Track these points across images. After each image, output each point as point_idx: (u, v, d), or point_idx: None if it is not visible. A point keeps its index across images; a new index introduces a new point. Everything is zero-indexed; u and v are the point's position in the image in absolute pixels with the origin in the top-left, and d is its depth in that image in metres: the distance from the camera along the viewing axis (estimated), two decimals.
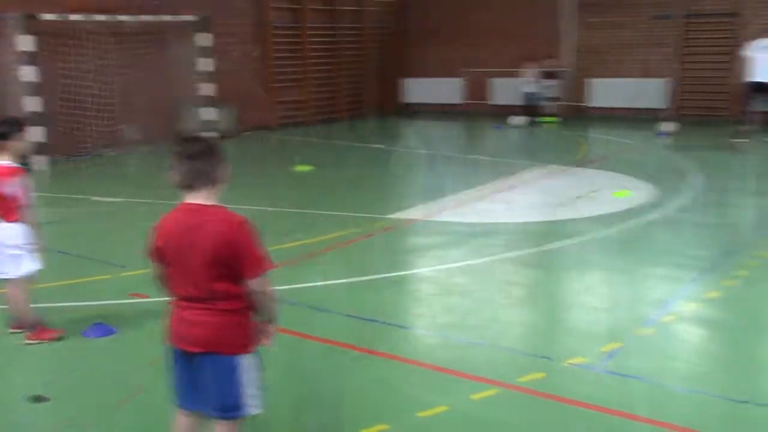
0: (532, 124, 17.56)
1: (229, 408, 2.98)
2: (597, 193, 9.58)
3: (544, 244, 7.32)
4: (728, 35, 17.12)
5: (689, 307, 5.54)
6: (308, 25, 18.29)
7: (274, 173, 12.48)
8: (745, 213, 8.51)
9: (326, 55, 19.15)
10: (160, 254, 2.99)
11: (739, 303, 5.66)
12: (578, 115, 18.87)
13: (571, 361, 4.60)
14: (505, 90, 19.65)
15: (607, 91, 18.62)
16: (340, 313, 5.49)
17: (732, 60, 16.92)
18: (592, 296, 5.92)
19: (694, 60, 17.70)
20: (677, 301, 5.66)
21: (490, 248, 7.20)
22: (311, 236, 7.62)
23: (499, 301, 5.79)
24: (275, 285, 3.01)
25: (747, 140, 13.55)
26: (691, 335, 5.14)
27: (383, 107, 21.22)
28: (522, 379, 4.35)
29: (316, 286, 6.12)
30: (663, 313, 5.40)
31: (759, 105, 13.70)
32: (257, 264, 2.90)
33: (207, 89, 14.78)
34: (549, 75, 17.81)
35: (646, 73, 18.12)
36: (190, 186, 2.92)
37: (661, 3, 17.82)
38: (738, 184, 10.54)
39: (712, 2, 17.35)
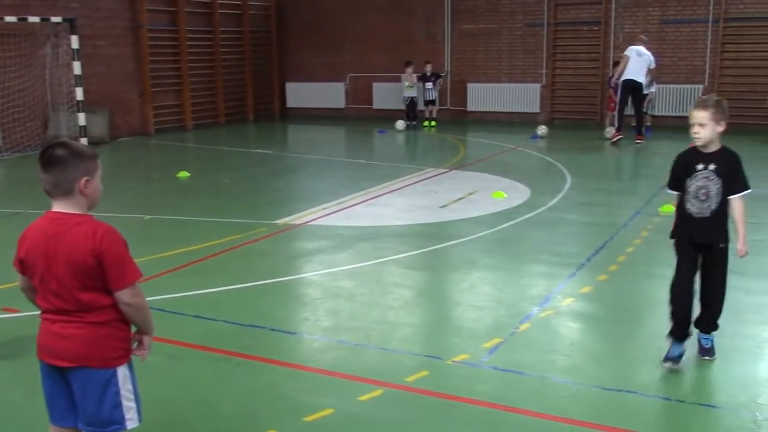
0: (413, 128, 17.87)
1: (105, 423, 2.86)
2: (476, 194, 9.84)
3: (428, 245, 7.45)
4: (596, 42, 18.04)
5: (565, 302, 5.77)
6: (186, 28, 17.87)
7: (152, 180, 12.12)
8: (614, 211, 8.95)
9: (205, 59, 18.79)
10: (24, 265, 2.83)
11: (611, 296, 5.95)
12: (457, 119, 19.36)
13: (455, 358, 4.69)
14: (387, 94, 19.93)
15: (484, 96, 19.21)
16: (224, 321, 5.38)
17: (600, 66, 17.85)
18: (474, 295, 6.07)
19: (564, 66, 18.53)
20: (554, 296, 5.89)
21: (375, 251, 7.25)
22: (193, 244, 7.44)
23: (385, 303, 5.83)
24: (156, 295, 2.91)
25: (619, 139, 14.34)
26: (567, 329, 5.35)
27: (266, 111, 21.04)
28: (408, 379, 4.40)
29: (198, 294, 5.97)
30: (541, 308, 5.60)
31: (627, 107, 14.51)
32: (124, 274, 2.77)
33: (77, 93, 14.15)
34: (428, 80, 18.17)
35: (520, 79, 18.82)
36: (55, 194, 2.78)
37: (533, 11, 18.55)
38: (607, 184, 11.10)
39: (579, 11, 18.21)
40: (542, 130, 15.95)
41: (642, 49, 14.61)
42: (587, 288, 6.07)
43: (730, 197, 4.35)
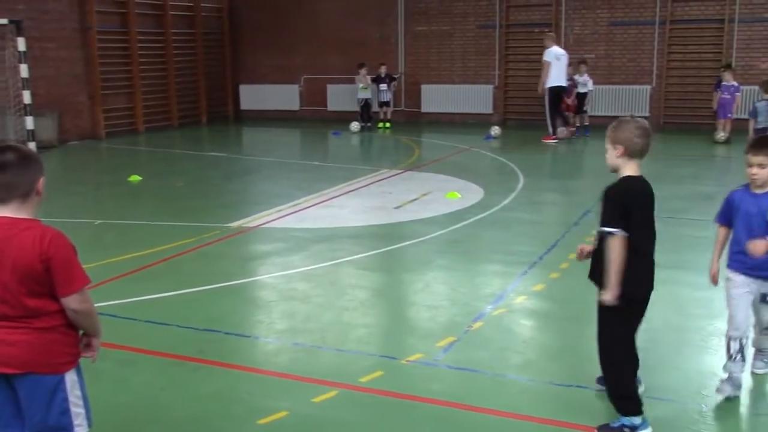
0: (368, 129, 17.91)
1: (53, 429, 2.82)
2: (430, 195, 9.90)
3: (383, 246, 7.48)
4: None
5: (518, 300, 5.85)
6: (136, 29, 17.63)
7: (103, 184, 11.94)
8: (565, 210, 9.10)
9: (157, 61, 18.56)
10: None
11: (562, 294, 6.04)
12: (412, 121, 19.45)
13: (409, 358, 4.73)
14: (342, 96, 19.93)
15: (438, 97, 19.33)
16: (177, 326, 5.34)
17: None
18: (428, 295, 6.11)
19: (516, 67, 18.75)
20: (507, 295, 5.97)
21: (330, 253, 7.26)
22: (145, 248, 7.35)
23: (340, 305, 5.84)
24: (107, 300, 2.88)
25: (564, 138, 14.64)
26: (520, 326, 5.42)
27: (219, 114, 20.87)
28: (363, 379, 4.42)
29: (151, 299, 5.91)
30: (494, 306, 5.67)
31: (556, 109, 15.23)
32: (72, 280, 2.74)
33: (24, 97, 13.85)
34: (382, 81, 18.22)
35: (473, 80, 18.98)
36: (7, 198, 2.73)
37: (485, 13, 18.73)
38: (558, 183, 11.27)
39: (530, 13, 18.45)
40: (495, 130, 16.12)
41: (559, 50, 15.14)
42: (539, 286, 6.17)
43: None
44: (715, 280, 4.28)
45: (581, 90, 16.02)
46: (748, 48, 16.41)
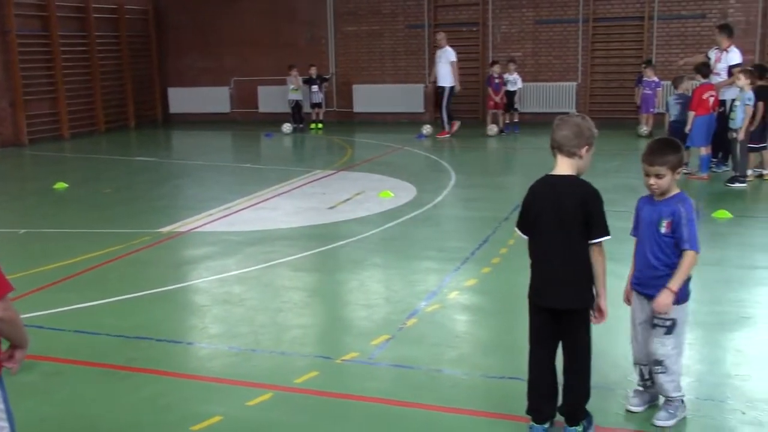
0: (300, 130, 17.84)
1: None
2: (363, 195, 9.93)
3: (316, 247, 7.47)
4: (475, 43, 18.53)
5: (451, 296, 5.92)
6: (59, 33, 17.15)
7: (27, 193, 11.57)
8: (496, 205, 9.21)
9: (81, 65, 18.09)
10: None
11: (494, 287, 6.14)
12: (344, 121, 19.46)
13: (344, 357, 4.74)
14: (273, 98, 19.79)
15: (370, 97, 19.37)
16: (107, 334, 5.22)
17: (480, 65, 18.36)
18: (363, 294, 6.13)
19: None
20: (440, 290, 6.03)
21: (263, 255, 7.21)
22: (72, 257, 7.16)
23: (274, 307, 5.81)
24: (34, 311, 2.80)
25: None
26: (453, 321, 5.49)
27: (148, 118, 20.49)
28: (298, 380, 4.41)
29: (79, 308, 5.76)
30: (428, 303, 5.73)
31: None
32: None
33: None
34: (314, 82, 18.17)
35: (404, 79, 19.09)
36: None
37: (414, 13, 18.87)
38: (489, 179, 11.44)
39: (458, 13, 18.66)
40: (427, 129, 16.25)
41: (449, 51, 15.74)
42: (472, 281, 6.25)
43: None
44: (626, 300, 4.00)
45: (510, 88, 16.28)
46: (667, 45, 16.95)
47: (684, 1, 16.93)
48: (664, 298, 3.65)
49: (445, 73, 15.77)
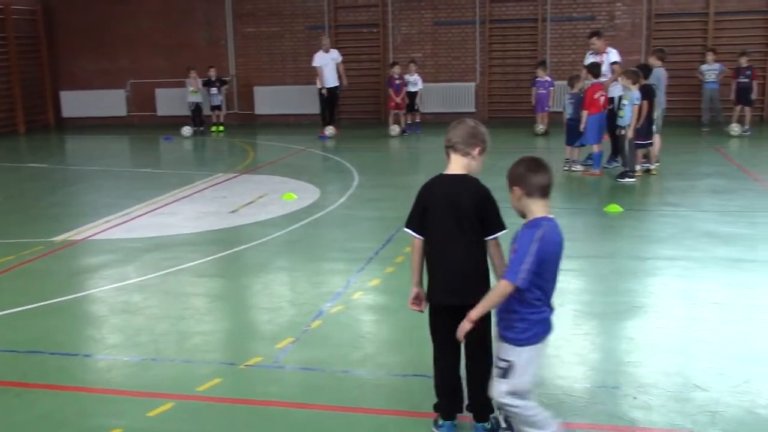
0: (200, 133, 17.51)
1: None
2: (266, 197, 9.84)
3: (219, 252, 7.36)
4: (375, 44, 18.65)
5: (356, 296, 5.95)
6: None
7: None
8: (399, 205, 9.28)
9: None
10: None
11: (397, 287, 6.17)
12: (246, 123, 19.22)
13: (248, 362, 4.69)
14: (172, 101, 19.34)
15: (271, 99, 19.20)
16: None
17: (381, 66, 18.48)
18: (266, 297, 6.08)
19: (347, 67, 18.90)
20: (345, 291, 6.05)
21: (163, 261, 7.04)
22: None
23: (175, 314, 5.68)
24: None
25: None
26: (358, 321, 5.51)
27: (39, 123, 19.66)
28: (200, 388, 4.33)
29: None
30: (332, 304, 5.74)
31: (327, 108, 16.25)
32: None
33: None
34: (213, 84, 17.87)
35: (305, 81, 18.99)
36: None
37: (314, 14, 18.83)
38: (392, 179, 11.53)
39: (358, 14, 18.74)
40: (330, 130, 16.24)
41: (333, 53, 16.08)
42: (376, 281, 6.30)
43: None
44: None
45: (411, 89, 16.46)
46: (560, 45, 17.53)
47: (575, 4, 17.56)
48: (462, 325, 3.41)
49: (334, 75, 16.18)
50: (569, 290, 6.01)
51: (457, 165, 3.61)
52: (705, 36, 16.93)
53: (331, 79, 16.19)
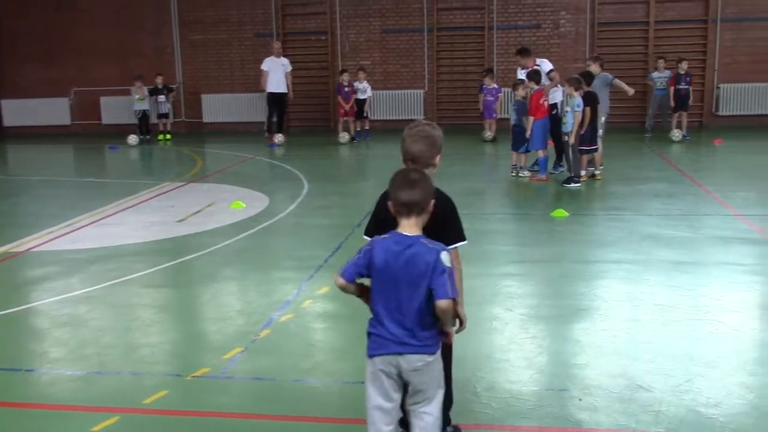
0: (147, 142, 17.27)
1: None
2: (214, 206, 9.75)
3: (166, 262, 7.25)
4: (324, 51, 18.65)
5: (305, 304, 5.92)
6: None
7: None
8: (348, 212, 9.31)
9: None
10: None
11: (346, 294, 6.17)
12: (194, 131, 19.02)
13: (195, 373, 4.62)
14: (117, 109, 19.05)
15: (220, 107, 19.05)
16: None
17: (330, 74, 18.48)
18: (215, 307, 6.01)
19: (296, 75, 18.88)
20: (294, 300, 6.01)
21: (108, 273, 6.91)
22: None
23: (120, 326, 5.58)
24: None
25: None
26: (307, 330, 5.48)
27: None
28: (146, 401, 4.26)
29: None
30: (281, 313, 5.70)
31: (276, 114, 16.28)
32: None
33: None
34: (160, 92, 17.65)
35: (254, 88, 18.89)
36: None
37: (262, 21, 18.75)
38: (341, 187, 11.55)
39: (306, 21, 18.72)
40: (279, 138, 16.17)
41: (284, 59, 16.10)
42: (325, 288, 6.27)
43: None
44: None
45: (360, 96, 16.51)
46: (506, 53, 17.76)
47: (520, 13, 17.83)
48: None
49: (282, 82, 16.15)
50: (517, 294, 6.09)
51: None
52: (646, 44, 17.36)
53: (277, 85, 16.08)
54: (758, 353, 4.86)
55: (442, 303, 3.05)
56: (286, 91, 16.27)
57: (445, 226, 3.44)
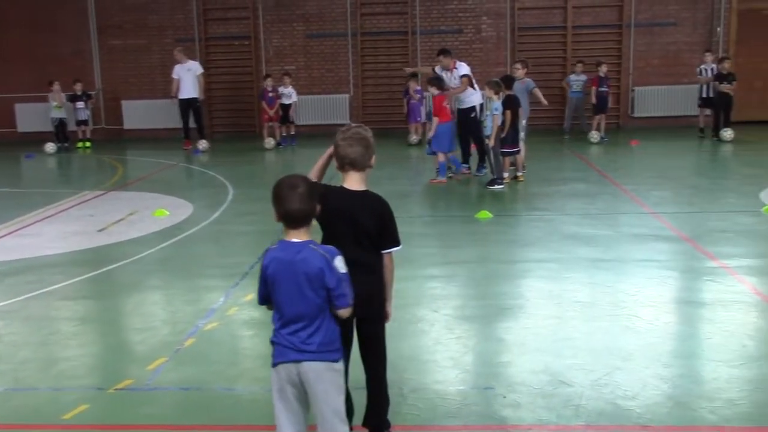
0: (65, 150, 16.77)
1: None
2: (136, 214, 9.54)
3: (86, 272, 7.06)
4: (248, 56, 18.49)
5: (230, 312, 5.85)
6: None
7: None
8: (272, 218, 9.25)
9: None
10: None
11: None
12: (114, 138, 18.58)
13: (118, 386, 4.52)
14: (33, 116, 18.42)
15: (141, 113, 18.65)
16: None
17: (254, 79, 18.33)
18: (138, 317, 5.89)
19: (219, 80, 18.72)
20: (219, 308, 5.94)
21: (25, 285, 6.68)
22: None
23: (38, 340, 5.41)
24: None
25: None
26: (232, 337, 5.43)
27: None
28: (66, 416, 4.14)
29: None
30: (206, 321, 5.63)
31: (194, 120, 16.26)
32: None
33: None
34: (79, 99, 17.17)
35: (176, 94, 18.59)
36: None
37: (183, 26, 18.46)
38: (266, 192, 11.43)
39: (228, 26, 18.52)
40: (203, 144, 15.95)
41: (190, 64, 16.07)
42: (251, 295, 6.21)
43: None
44: None
45: (285, 101, 16.42)
46: (430, 57, 17.89)
47: (443, 17, 18.07)
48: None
49: (192, 87, 16.04)
50: (442, 296, 6.17)
51: (356, 180, 3.55)
52: (565, 48, 17.82)
53: (187, 91, 15.97)
54: (672, 345, 5.06)
55: (344, 312, 3.17)
56: (195, 96, 16.02)
57: (382, 230, 3.51)
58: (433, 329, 5.40)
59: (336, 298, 3.13)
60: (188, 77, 15.97)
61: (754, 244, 7.57)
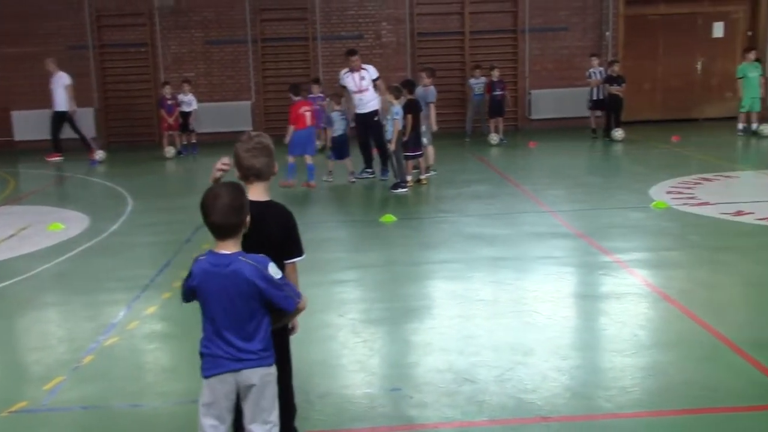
0: None
1: None
2: (30, 229, 9.16)
3: None
4: (145, 64, 18.04)
5: (131, 326, 5.70)
6: None
7: None
8: (176, 228, 9.04)
9: None
10: None
11: (176, 312, 6.00)
12: (3, 150, 17.78)
13: (11, 409, 4.33)
14: None
15: (32, 124, 17.85)
16: None
17: (152, 87, 17.90)
18: (32, 336, 5.67)
19: (116, 88, 18.19)
20: (119, 322, 5.78)
21: None
22: None
23: None
24: None
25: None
26: (134, 352, 5.29)
27: None
28: None
29: None
30: (106, 336, 5.46)
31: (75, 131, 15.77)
32: None
33: None
34: None
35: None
36: None
37: (75, 34, 17.85)
38: (168, 202, 11.19)
39: (125, 33, 18.02)
40: (100, 155, 15.46)
41: (59, 75, 15.74)
42: (152, 308, 6.08)
43: None
44: None
45: (185, 109, 16.09)
46: (331, 63, 17.96)
47: (342, 23, 18.13)
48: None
49: (62, 99, 15.58)
50: (348, 300, 6.21)
51: (261, 191, 3.47)
52: (463, 53, 18.20)
53: (58, 103, 15.56)
54: (569, 338, 5.24)
55: (300, 308, 3.26)
56: (63, 109, 15.56)
57: (285, 240, 3.47)
58: (340, 334, 5.42)
59: (282, 304, 3.13)
60: (57, 89, 15.53)
61: (644, 239, 7.94)
